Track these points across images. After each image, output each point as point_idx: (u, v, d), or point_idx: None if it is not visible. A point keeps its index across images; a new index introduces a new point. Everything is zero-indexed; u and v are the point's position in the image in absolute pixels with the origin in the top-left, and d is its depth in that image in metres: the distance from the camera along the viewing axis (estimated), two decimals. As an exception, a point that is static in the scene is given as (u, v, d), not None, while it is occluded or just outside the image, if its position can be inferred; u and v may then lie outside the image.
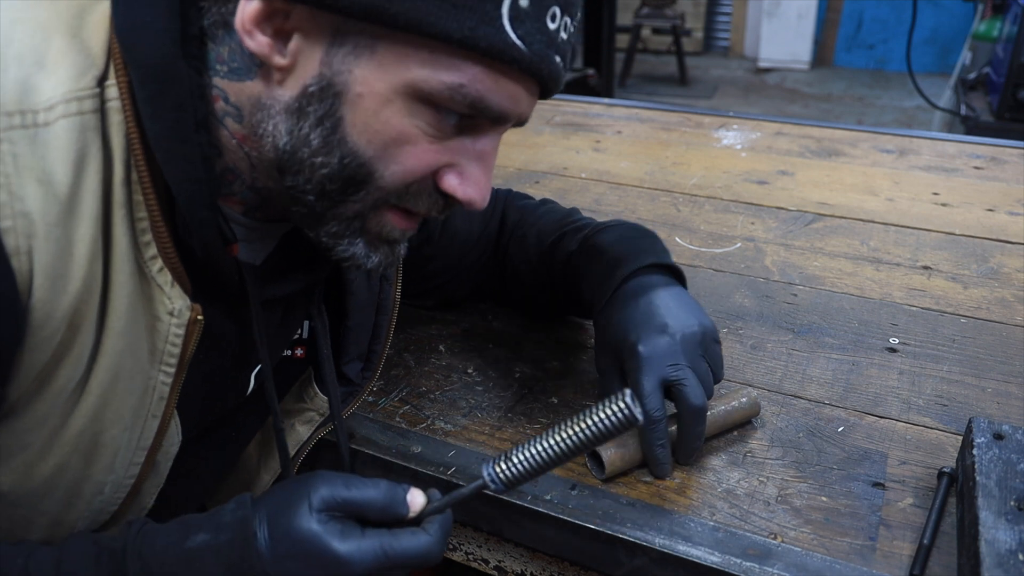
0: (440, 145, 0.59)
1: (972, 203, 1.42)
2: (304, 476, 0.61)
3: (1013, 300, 1.10)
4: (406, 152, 0.58)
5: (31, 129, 0.51)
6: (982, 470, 0.69)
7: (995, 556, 0.61)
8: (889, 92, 6.43)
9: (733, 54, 7.75)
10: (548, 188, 1.51)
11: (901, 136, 1.79)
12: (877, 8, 6.98)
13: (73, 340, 0.56)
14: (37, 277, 0.52)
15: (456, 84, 0.55)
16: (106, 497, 0.65)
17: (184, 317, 0.61)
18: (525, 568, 0.83)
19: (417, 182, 0.61)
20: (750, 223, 1.36)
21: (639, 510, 0.75)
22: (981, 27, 3.66)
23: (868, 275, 1.17)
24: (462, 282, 1.03)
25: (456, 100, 0.56)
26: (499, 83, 0.57)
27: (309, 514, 0.58)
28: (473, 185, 0.61)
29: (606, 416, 0.56)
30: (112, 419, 0.61)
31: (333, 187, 0.59)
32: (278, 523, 0.58)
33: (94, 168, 0.54)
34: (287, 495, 0.60)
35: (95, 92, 0.55)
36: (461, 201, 0.62)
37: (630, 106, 2.07)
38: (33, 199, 0.51)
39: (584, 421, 0.57)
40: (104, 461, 0.63)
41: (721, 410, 0.82)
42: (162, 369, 0.63)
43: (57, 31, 0.55)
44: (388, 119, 0.56)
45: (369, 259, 0.64)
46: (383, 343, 0.84)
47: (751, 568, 0.68)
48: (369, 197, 0.60)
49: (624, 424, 0.56)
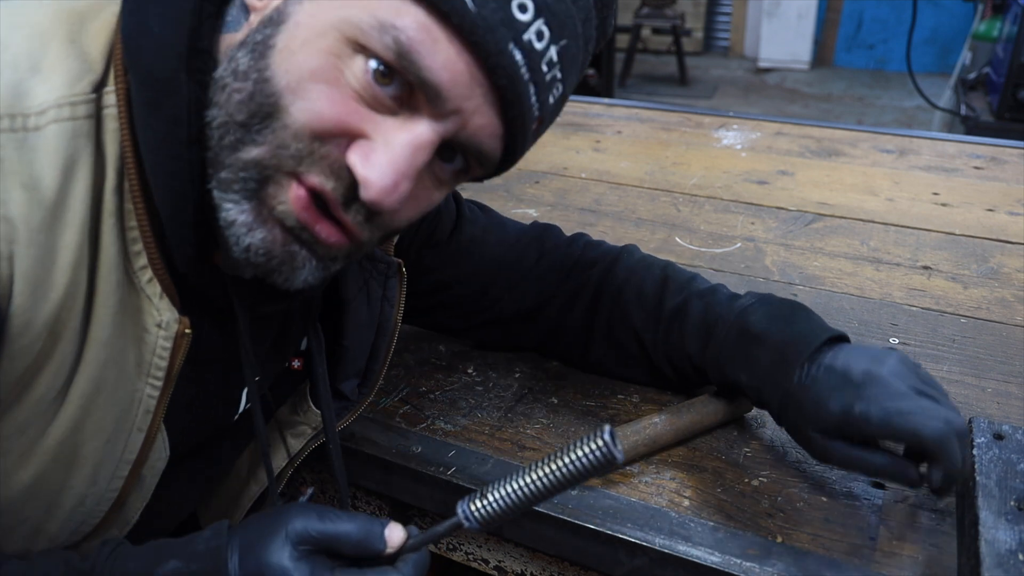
0: (361, 107, 0.54)
1: (972, 203, 1.42)
2: (281, 508, 0.60)
3: (1013, 300, 1.10)
4: (321, 90, 0.53)
5: (20, 133, 0.51)
6: (982, 470, 0.69)
7: (995, 556, 0.61)
8: (889, 92, 6.43)
9: (733, 54, 7.75)
10: (548, 188, 1.51)
11: (901, 136, 1.79)
12: (877, 8, 6.98)
13: (54, 348, 0.55)
14: (18, 283, 0.51)
15: (388, 22, 0.51)
16: (87, 509, 0.64)
17: (172, 330, 0.60)
18: (525, 568, 0.83)
19: (325, 136, 0.54)
20: (750, 223, 1.36)
21: (639, 510, 0.75)
22: (981, 27, 3.66)
23: (868, 275, 1.17)
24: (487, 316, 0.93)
25: (384, 42, 0.52)
26: (436, 42, 0.52)
27: (282, 548, 0.57)
28: (377, 165, 0.53)
29: (583, 455, 0.52)
30: (93, 430, 0.60)
31: (240, 117, 0.54)
32: (250, 555, 0.57)
33: (84, 174, 0.54)
34: (261, 527, 0.59)
35: (90, 98, 0.54)
36: (359, 180, 0.54)
37: (630, 106, 2.07)
38: (16, 204, 0.50)
39: (560, 459, 0.53)
40: (84, 473, 0.61)
41: (711, 396, 0.82)
42: (149, 382, 0.61)
43: (55, 37, 0.55)
44: (315, 50, 0.53)
45: (251, 233, 0.55)
46: (381, 363, 0.82)
47: (751, 568, 0.68)
48: (273, 138, 0.53)
49: (602, 464, 0.52)
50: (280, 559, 0.57)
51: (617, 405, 0.89)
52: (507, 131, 0.58)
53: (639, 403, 0.90)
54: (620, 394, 0.91)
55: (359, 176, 0.53)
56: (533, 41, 0.54)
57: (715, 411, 0.83)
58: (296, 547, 0.57)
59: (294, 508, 0.59)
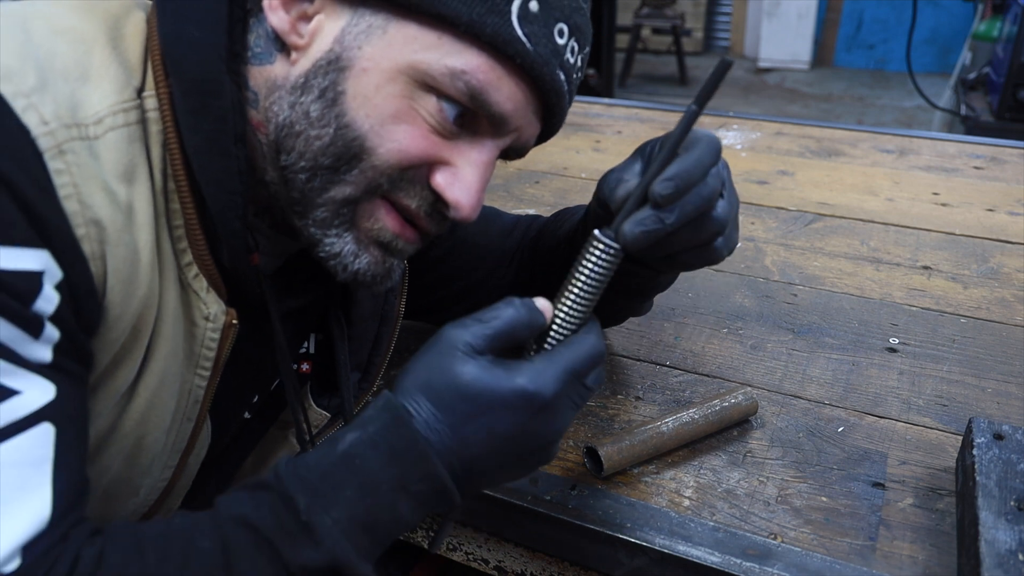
0: (438, 138, 0.59)
1: (972, 203, 1.42)
2: (428, 341, 0.57)
3: (1013, 300, 1.10)
4: (403, 131, 0.58)
5: (86, 141, 0.52)
6: (982, 470, 0.69)
7: (995, 556, 0.61)
8: (889, 92, 6.43)
9: (733, 54, 7.75)
10: (548, 188, 1.51)
11: (901, 136, 1.79)
12: (877, 8, 6.98)
13: (134, 343, 0.57)
14: (110, 280, 0.53)
15: (458, 69, 0.56)
16: (141, 499, 0.66)
17: (220, 321, 0.62)
18: (525, 568, 0.83)
19: (411, 168, 0.59)
20: (750, 223, 1.36)
21: (639, 510, 0.75)
22: (981, 27, 3.67)
23: (868, 275, 1.17)
24: (479, 298, 0.94)
25: (457, 87, 0.56)
26: (500, 79, 0.57)
27: (468, 363, 0.54)
28: (464, 188, 0.60)
29: (593, 264, 0.59)
30: (156, 422, 0.62)
31: (326, 161, 0.58)
32: (436, 392, 0.54)
33: (143, 178, 0.56)
34: (425, 364, 0.55)
35: (136, 103, 0.56)
36: (449, 202, 0.60)
37: (630, 106, 2.07)
38: (101, 207, 0.52)
39: (577, 281, 0.59)
40: (143, 464, 0.63)
41: (717, 407, 0.82)
42: (198, 372, 0.64)
43: (97, 42, 0.56)
44: (389, 95, 0.57)
45: (358, 259, 0.62)
46: (383, 354, 0.84)
47: (751, 568, 0.68)
48: (363, 177, 0.59)
49: (614, 260, 0.59)
50: (477, 375, 0.53)
51: (617, 405, 0.89)
52: (544, 130, 0.65)
53: (639, 403, 0.90)
54: (620, 394, 0.91)
55: (450, 199, 0.60)
56: (569, 59, 0.60)
57: (720, 421, 0.83)
58: (477, 358, 0.54)
59: (446, 331, 0.56)
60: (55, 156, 0.50)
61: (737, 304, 1.09)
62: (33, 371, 0.49)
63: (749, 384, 0.92)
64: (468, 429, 0.54)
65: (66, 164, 0.51)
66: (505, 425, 0.54)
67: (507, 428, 0.54)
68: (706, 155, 0.59)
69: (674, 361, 0.97)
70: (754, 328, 1.04)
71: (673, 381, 0.94)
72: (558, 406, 0.56)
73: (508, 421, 0.54)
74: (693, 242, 0.63)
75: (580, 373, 0.57)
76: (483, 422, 0.54)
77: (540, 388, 0.54)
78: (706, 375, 0.94)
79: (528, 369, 0.55)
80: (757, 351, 0.99)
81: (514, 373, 0.54)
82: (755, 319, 1.06)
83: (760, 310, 1.08)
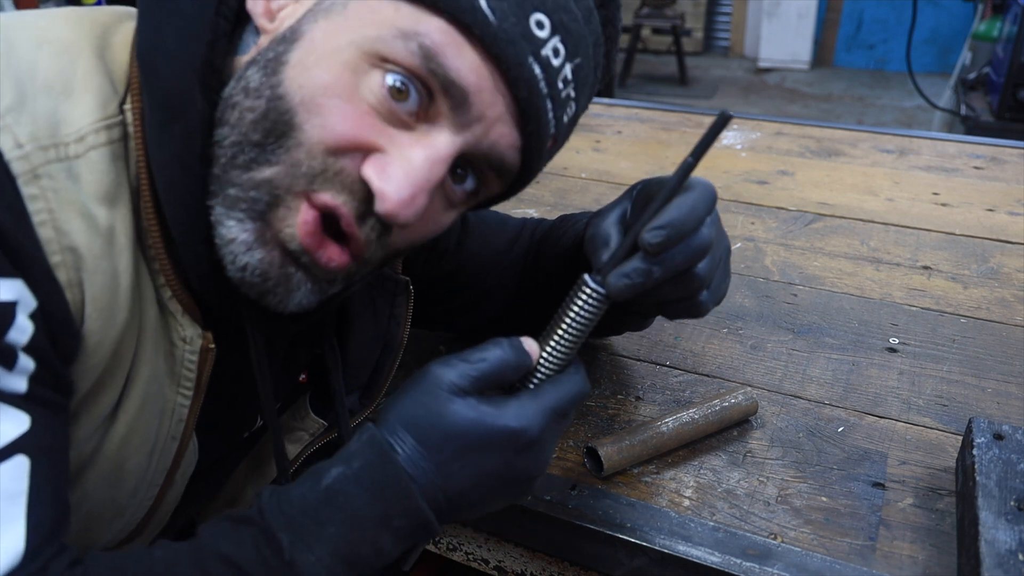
0: (376, 120, 0.53)
1: (972, 203, 1.42)
2: (413, 378, 0.56)
3: (1013, 300, 1.10)
4: (333, 105, 0.52)
5: (65, 162, 0.50)
6: (982, 470, 0.69)
7: (995, 556, 0.61)
8: (889, 92, 6.43)
9: (733, 54, 7.75)
10: (548, 188, 1.51)
11: (901, 136, 1.79)
12: (877, 8, 6.98)
13: (115, 368, 0.56)
14: (88, 308, 0.52)
15: (411, 30, 0.51)
16: (127, 519, 0.64)
17: (196, 344, 0.60)
18: (525, 568, 0.83)
19: (340, 152, 0.53)
20: (750, 223, 1.36)
21: (639, 510, 0.75)
22: (981, 27, 3.66)
23: (868, 275, 1.17)
24: (486, 308, 0.94)
25: (409, 48, 0.51)
26: (460, 47, 0.52)
27: (454, 402, 0.54)
28: (392, 180, 0.52)
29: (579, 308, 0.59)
30: (138, 445, 0.60)
31: (255, 136, 0.53)
32: (422, 429, 0.53)
33: (124, 198, 0.54)
34: (412, 400, 0.54)
35: (120, 119, 0.54)
36: (375, 192, 0.53)
37: (630, 106, 2.07)
38: (78, 233, 0.50)
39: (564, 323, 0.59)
40: (128, 486, 0.62)
41: (717, 407, 0.82)
42: (180, 392, 0.62)
43: (82, 53, 0.54)
44: (330, 66, 0.52)
45: (250, 252, 0.54)
46: (385, 377, 0.82)
47: (751, 568, 0.68)
48: (287, 158, 0.52)
49: (600, 304, 0.59)
50: (462, 411, 0.53)
51: (617, 405, 0.89)
52: (524, 145, 0.58)
53: (639, 403, 0.90)
54: (620, 394, 0.91)
55: (375, 189, 0.52)
56: (550, 57, 0.54)
57: (720, 421, 0.83)
58: (464, 397, 0.54)
59: (432, 369, 0.55)
60: (29, 181, 0.48)
61: (737, 304, 1.09)
62: (6, 403, 0.47)
63: (749, 384, 0.92)
64: (454, 467, 0.54)
65: (41, 189, 0.49)
66: (491, 462, 0.55)
67: (493, 466, 0.55)
68: (700, 204, 0.58)
69: (674, 361, 0.97)
70: (754, 328, 1.04)
71: (673, 381, 0.94)
72: (543, 442, 0.57)
73: (494, 459, 0.55)
74: (676, 294, 0.63)
75: (564, 412, 0.58)
76: (469, 459, 0.54)
77: (526, 427, 0.55)
78: (706, 375, 0.94)
79: (515, 407, 0.55)
80: (757, 351, 0.99)
81: (501, 411, 0.55)
82: (755, 319, 1.06)
83: (760, 310, 1.08)
